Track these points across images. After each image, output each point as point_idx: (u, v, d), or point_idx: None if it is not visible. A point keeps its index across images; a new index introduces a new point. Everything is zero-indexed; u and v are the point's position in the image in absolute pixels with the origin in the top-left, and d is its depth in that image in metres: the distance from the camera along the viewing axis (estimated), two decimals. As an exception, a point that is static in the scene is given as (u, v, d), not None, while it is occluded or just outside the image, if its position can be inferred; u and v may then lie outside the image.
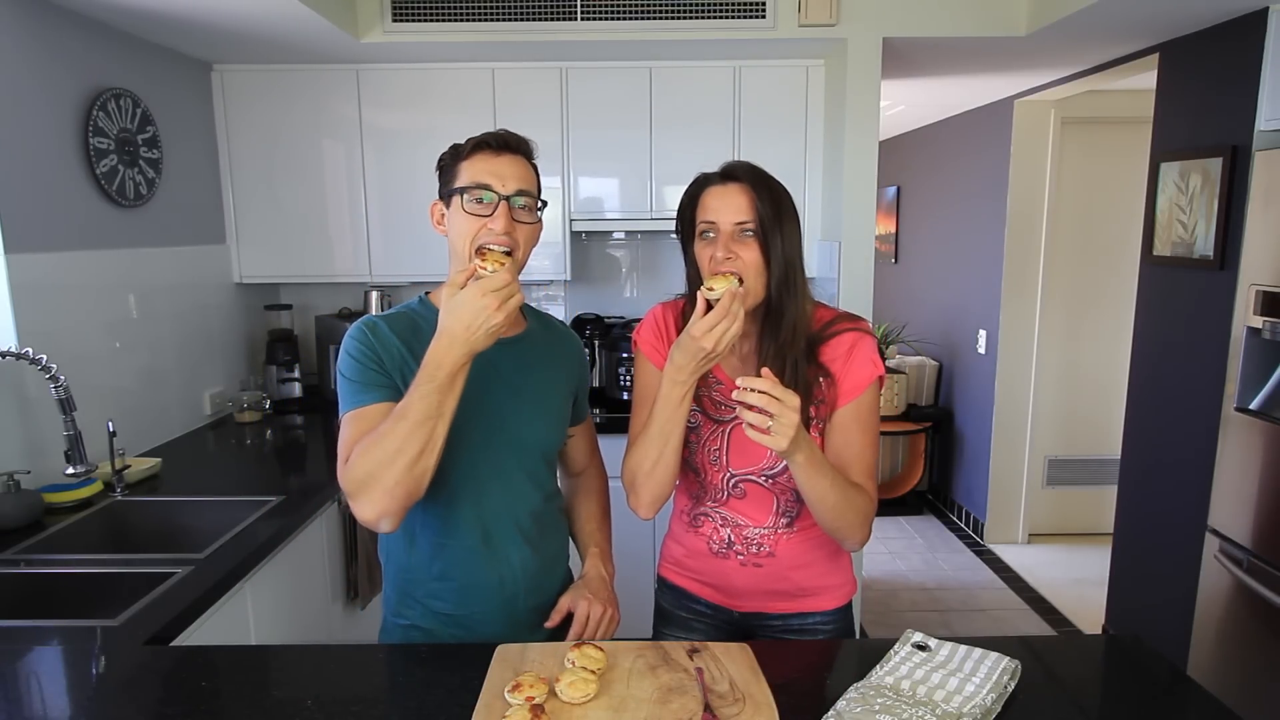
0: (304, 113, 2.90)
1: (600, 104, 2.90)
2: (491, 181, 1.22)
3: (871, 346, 1.32)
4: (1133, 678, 1.22)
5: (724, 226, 1.25)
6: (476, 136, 1.27)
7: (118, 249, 2.36)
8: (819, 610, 1.43)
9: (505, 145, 1.25)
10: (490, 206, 1.22)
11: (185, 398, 2.70)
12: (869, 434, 1.32)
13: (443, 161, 1.29)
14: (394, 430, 1.12)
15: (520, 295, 1.15)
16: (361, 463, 1.13)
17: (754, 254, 1.25)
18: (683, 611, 1.50)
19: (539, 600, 1.37)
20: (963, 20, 2.59)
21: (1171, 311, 2.75)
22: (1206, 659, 2.42)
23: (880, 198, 5.36)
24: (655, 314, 1.44)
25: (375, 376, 1.22)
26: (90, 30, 2.26)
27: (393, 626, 1.36)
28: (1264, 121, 2.29)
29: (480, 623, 1.31)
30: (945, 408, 4.65)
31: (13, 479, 1.85)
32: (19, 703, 1.14)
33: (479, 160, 1.24)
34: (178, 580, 1.56)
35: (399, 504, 1.14)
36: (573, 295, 3.41)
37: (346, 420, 1.21)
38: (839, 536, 1.30)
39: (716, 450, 1.37)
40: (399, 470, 1.11)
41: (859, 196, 2.74)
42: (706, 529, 1.42)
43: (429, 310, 1.31)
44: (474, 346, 1.12)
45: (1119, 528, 3.10)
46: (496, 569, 1.31)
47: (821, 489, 1.21)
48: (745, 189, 1.26)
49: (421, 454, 1.12)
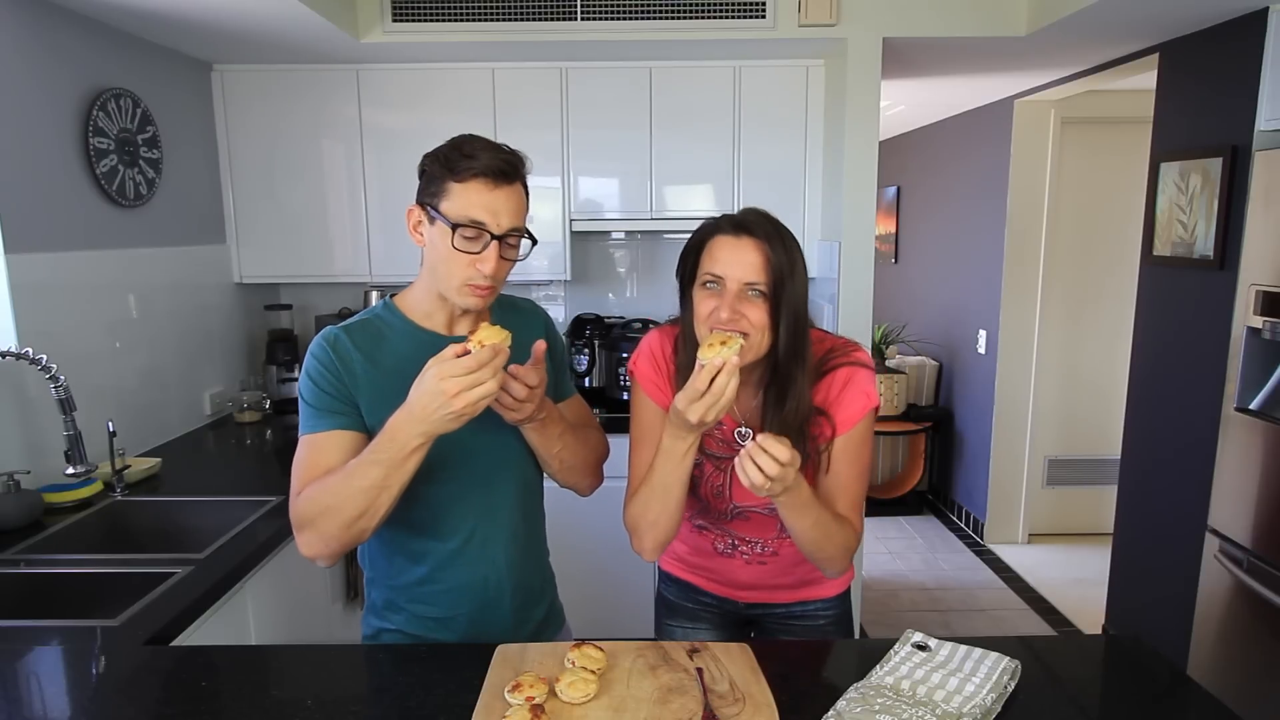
0: (304, 113, 2.90)
1: (600, 104, 2.90)
2: (486, 220, 1.15)
3: (866, 379, 1.28)
4: (1133, 678, 1.22)
5: (731, 285, 1.19)
6: (474, 158, 1.15)
7: (118, 249, 2.36)
8: (820, 597, 1.46)
9: (504, 176, 1.17)
10: (481, 244, 1.16)
11: (185, 398, 2.70)
12: (857, 465, 1.30)
13: (429, 166, 1.20)
14: (339, 487, 1.11)
15: (492, 389, 1.05)
16: (306, 506, 1.14)
17: (761, 315, 1.19)
18: (689, 603, 1.51)
19: (524, 598, 1.36)
20: (963, 20, 2.59)
21: (1171, 311, 2.75)
22: (1206, 659, 2.42)
23: (880, 198, 5.36)
24: (652, 344, 1.37)
25: (330, 403, 1.20)
26: (90, 30, 2.26)
27: (377, 633, 1.34)
28: (1264, 121, 2.28)
29: (466, 623, 1.31)
30: (945, 408, 4.65)
31: (13, 479, 1.85)
32: (19, 703, 1.14)
33: (475, 190, 1.15)
34: (178, 580, 1.56)
35: (333, 552, 1.16)
36: (573, 295, 3.41)
37: (300, 444, 1.21)
38: (817, 563, 1.30)
39: (720, 486, 1.36)
40: (336, 526, 1.13)
41: (859, 196, 2.74)
42: (710, 535, 1.44)
43: (394, 316, 1.28)
44: (433, 430, 1.06)
45: (1119, 528, 3.10)
46: (481, 569, 1.30)
47: (804, 526, 1.21)
48: (760, 246, 1.18)
49: (360, 518, 1.12)
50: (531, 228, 1.24)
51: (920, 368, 4.65)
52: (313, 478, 1.16)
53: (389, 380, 1.20)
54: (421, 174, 1.22)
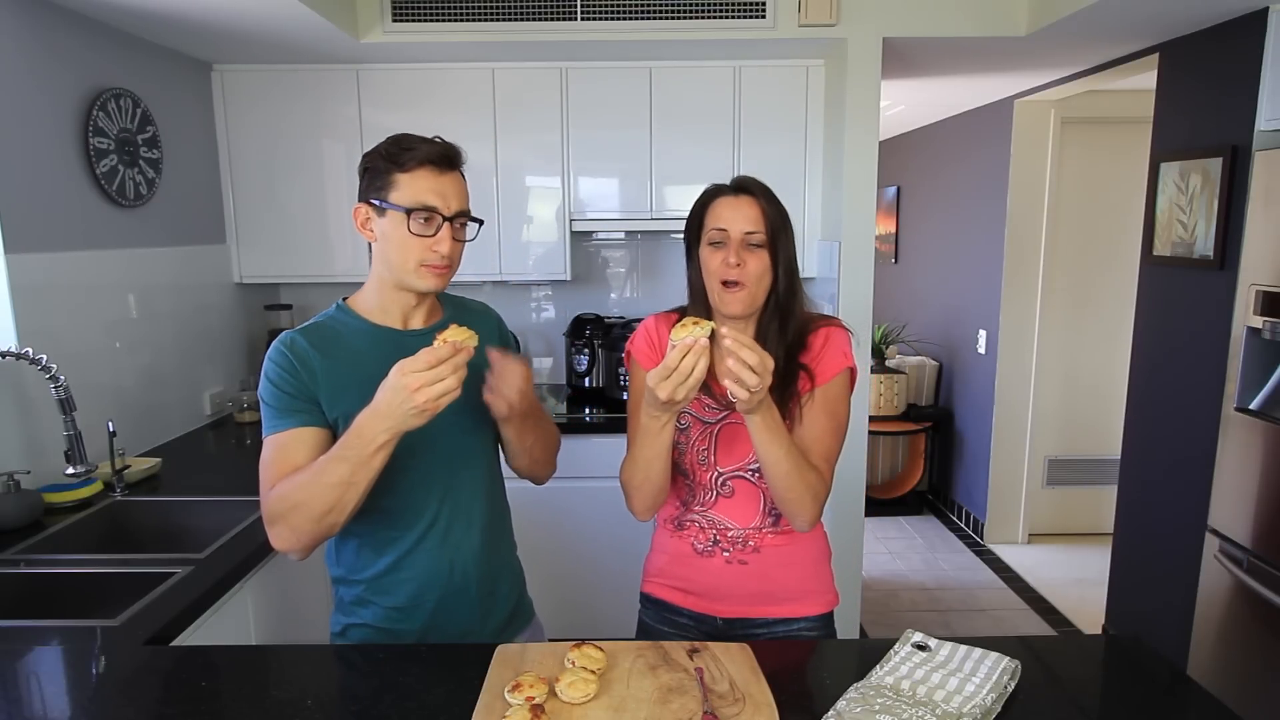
0: (304, 113, 2.90)
1: (600, 104, 2.90)
2: (437, 203, 1.21)
3: (844, 339, 1.39)
4: (1133, 678, 1.22)
5: (734, 235, 1.32)
6: (415, 149, 1.21)
7: (118, 249, 2.36)
8: (802, 616, 1.44)
9: (448, 162, 1.23)
10: (434, 226, 1.22)
11: (185, 398, 2.70)
12: (832, 420, 1.36)
13: (372, 163, 1.23)
14: (308, 484, 1.14)
15: (452, 385, 1.07)
16: (276, 501, 1.17)
17: (761, 262, 1.33)
18: (665, 626, 1.49)
19: (490, 587, 1.37)
20: (963, 20, 2.59)
21: (1171, 311, 2.75)
22: (1206, 659, 2.42)
23: (880, 198, 5.36)
24: (648, 325, 1.47)
25: (290, 402, 1.22)
26: (90, 30, 2.26)
27: (344, 629, 1.34)
28: (1264, 121, 2.29)
29: (431, 612, 1.32)
30: (945, 408, 4.65)
31: (13, 479, 1.85)
32: (19, 703, 1.14)
33: (423, 177, 1.21)
34: (177, 580, 1.56)
35: (304, 544, 1.19)
36: (572, 295, 3.41)
37: (266, 445, 1.23)
38: (789, 511, 1.32)
39: (705, 450, 1.40)
40: (306, 520, 1.16)
41: (859, 196, 2.74)
42: (691, 531, 1.44)
43: (348, 316, 1.30)
44: (398, 426, 1.09)
45: (1119, 528, 3.10)
46: (446, 555, 1.31)
47: (776, 454, 1.24)
48: (756, 201, 1.33)
49: (329, 513, 1.15)
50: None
51: (920, 368, 4.65)
52: (281, 474, 1.19)
53: (347, 373, 1.23)
54: (363, 173, 1.25)
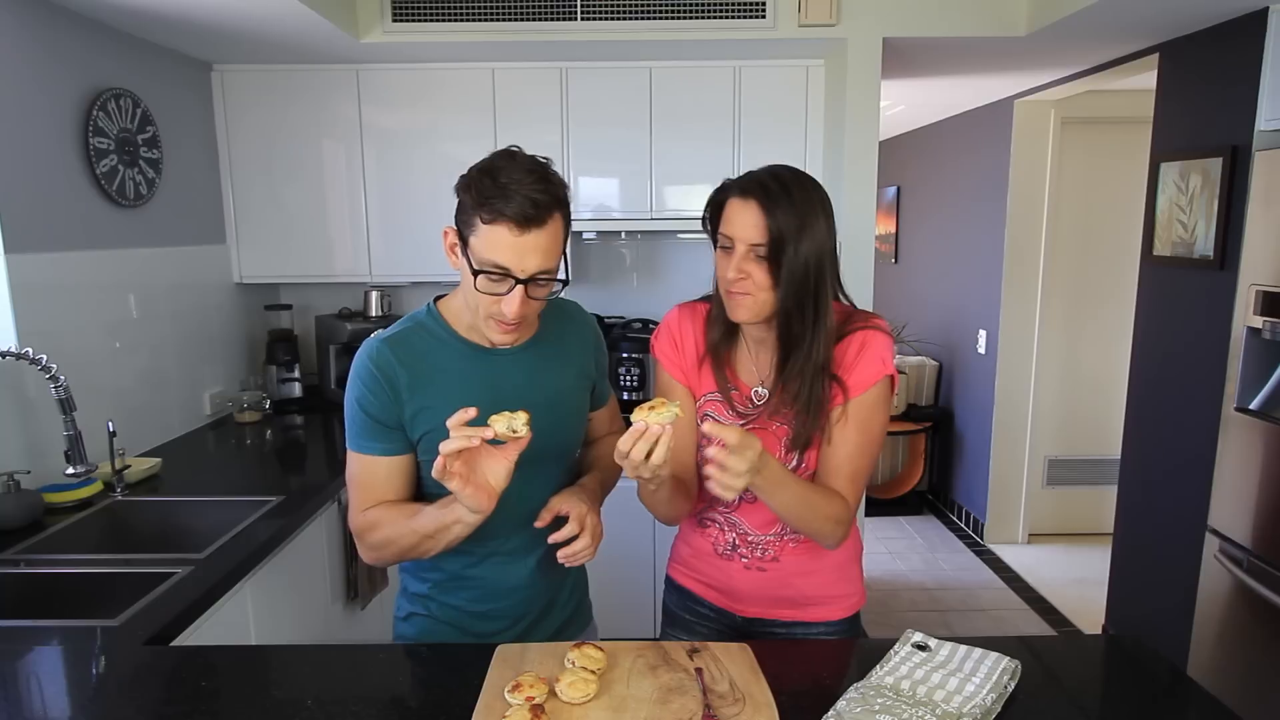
0: (304, 113, 2.90)
1: (600, 104, 2.89)
2: (510, 265, 1.12)
3: (882, 344, 1.27)
4: (1133, 678, 1.22)
5: (739, 244, 1.23)
6: (506, 197, 1.09)
7: (118, 249, 2.35)
8: (824, 620, 1.41)
9: (532, 221, 1.10)
10: (505, 286, 1.14)
11: (185, 398, 2.70)
12: (864, 435, 1.26)
13: (463, 195, 1.15)
14: (401, 526, 1.21)
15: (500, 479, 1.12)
16: (370, 533, 1.24)
17: (763, 275, 1.22)
18: (686, 614, 1.49)
19: (553, 594, 1.39)
20: (963, 20, 2.59)
21: (1171, 311, 2.75)
22: (1206, 659, 2.42)
23: (880, 198, 5.36)
24: (671, 322, 1.40)
25: (374, 427, 1.23)
26: (90, 30, 2.26)
27: (408, 616, 1.38)
28: (1264, 121, 2.28)
29: (494, 618, 1.34)
30: (945, 408, 4.65)
31: (13, 479, 1.84)
32: (19, 703, 1.14)
33: (501, 234, 1.10)
34: (178, 580, 1.56)
35: (392, 564, 1.31)
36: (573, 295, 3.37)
37: (350, 457, 1.27)
38: (812, 539, 1.30)
39: None
40: (394, 554, 1.25)
41: (859, 196, 2.74)
42: (712, 531, 1.42)
43: (438, 325, 1.27)
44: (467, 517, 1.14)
45: (1119, 528, 3.10)
46: (516, 568, 1.33)
47: (782, 501, 1.20)
48: (762, 208, 1.20)
49: (413, 550, 1.23)
50: None
51: (920, 368, 4.65)
52: (369, 499, 1.25)
53: (432, 391, 1.23)
54: (458, 192, 1.17)
